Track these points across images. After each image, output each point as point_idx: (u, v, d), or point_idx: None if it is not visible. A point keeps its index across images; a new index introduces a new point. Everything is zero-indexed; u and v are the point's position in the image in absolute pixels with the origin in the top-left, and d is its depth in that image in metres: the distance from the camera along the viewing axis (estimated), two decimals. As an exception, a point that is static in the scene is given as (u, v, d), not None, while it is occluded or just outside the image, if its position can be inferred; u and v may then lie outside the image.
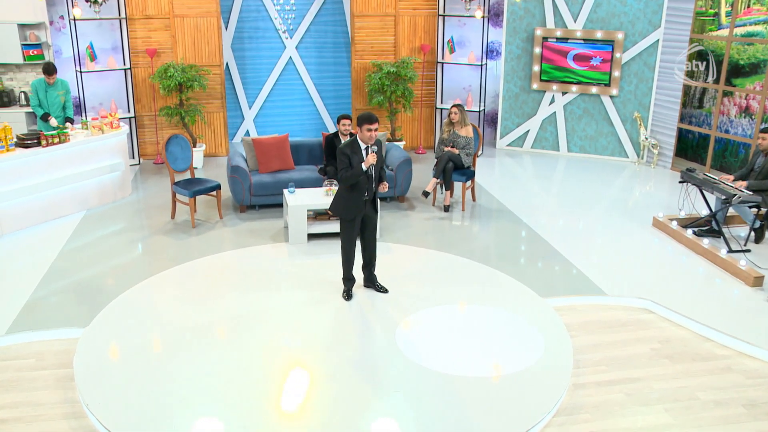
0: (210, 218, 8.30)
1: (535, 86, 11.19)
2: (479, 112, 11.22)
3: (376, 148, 5.83)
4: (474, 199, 9.03)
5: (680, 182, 7.99)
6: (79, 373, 4.95)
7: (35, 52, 10.20)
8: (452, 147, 8.64)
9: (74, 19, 9.87)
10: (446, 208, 8.63)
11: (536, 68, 11.08)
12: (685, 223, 7.90)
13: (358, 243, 6.20)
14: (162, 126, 10.74)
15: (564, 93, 11.11)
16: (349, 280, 6.26)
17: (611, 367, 5.30)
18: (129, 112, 10.62)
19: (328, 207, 7.10)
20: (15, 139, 7.84)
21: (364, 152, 5.85)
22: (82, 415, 4.61)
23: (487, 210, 8.75)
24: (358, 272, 6.35)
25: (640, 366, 5.33)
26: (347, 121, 8.48)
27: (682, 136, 10.39)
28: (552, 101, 11.22)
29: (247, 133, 11.92)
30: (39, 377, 5.07)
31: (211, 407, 4.58)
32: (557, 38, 10.85)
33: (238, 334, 5.55)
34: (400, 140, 11.04)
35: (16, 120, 10.11)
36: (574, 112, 11.17)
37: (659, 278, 6.80)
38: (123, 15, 10.24)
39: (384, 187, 6.17)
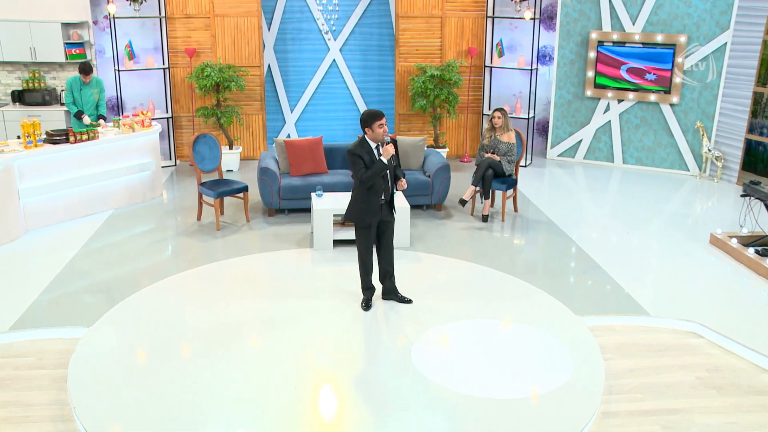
0: (237, 221, 8.17)
1: (588, 93, 10.71)
2: (528, 119, 10.80)
3: (389, 138, 5.57)
4: (516, 210, 8.63)
5: (742, 196, 7.41)
6: (73, 375, 4.82)
7: (77, 51, 10.37)
8: (493, 153, 8.28)
9: (113, 18, 9.97)
10: (485, 218, 8.26)
11: (590, 74, 10.61)
12: (747, 242, 7.30)
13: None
14: (199, 127, 10.74)
15: (620, 101, 10.59)
16: (368, 289, 5.99)
17: (648, 396, 4.84)
18: (167, 112, 10.67)
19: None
20: (44, 136, 7.91)
21: (375, 151, 5.59)
22: (69, 418, 4.46)
23: (529, 221, 8.34)
24: (376, 280, 6.07)
25: (681, 396, 4.85)
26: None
27: (751, 148, 9.72)
28: (607, 109, 10.71)
29: (288, 137, 11.83)
30: (35, 377, 4.97)
31: (200, 421, 4.35)
32: (613, 42, 10.36)
33: (242, 342, 5.33)
34: (443, 147, 10.72)
35: (57, 118, 10.30)
36: (631, 121, 10.62)
37: (713, 300, 6.26)
38: (163, 14, 10.30)
39: (402, 185, 5.83)
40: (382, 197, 5.68)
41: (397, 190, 5.85)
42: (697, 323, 5.79)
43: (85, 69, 8.79)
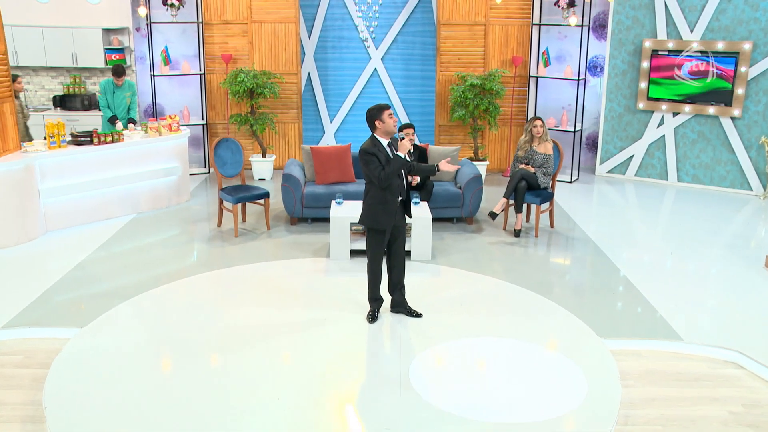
0: (257, 228, 8.06)
1: (641, 105, 10.20)
2: (574, 133, 10.36)
3: (403, 134, 5.35)
4: (552, 226, 8.22)
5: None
6: (53, 375, 4.72)
7: (117, 57, 10.57)
8: (527, 165, 7.92)
9: (149, 22, 10.13)
10: (517, 233, 7.88)
11: (643, 85, 10.10)
12: (806, 266, 6.70)
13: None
14: (234, 134, 10.76)
15: (675, 114, 10.04)
16: (375, 300, 5.72)
17: (669, 429, 4.39)
18: (202, 119, 10.73)
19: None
20: (69, 137, 8.01)
21: (387, 149, 5.36)
22: (41, 419, 4.35)
23: (566, 238, 7.91)
24: (385, 291, 5.80)
25: (708, 432, 4.38)
26: (410, 130, 8.03)
27: (821, 168, 9.02)
28: (661, 123, 10.17)
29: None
30: (17, 375, 4.91)
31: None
32: (669, 51, 9.85)
33: (230, 352, 5.12)
34: (483, 160, 10.39)
35: (95, 123, 10.45)
36: (687, 136, 10.05)
37: (760, 328, 5.72)
38: (200, 19, 10.40)
39: (414, 180, 5.55)
40: (399, 197, 5.44)
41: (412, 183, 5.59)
42: (738, 352, 5.27)
43: (118, 71, 8.91)
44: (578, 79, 10.21)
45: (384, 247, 5.58)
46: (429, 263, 7.01)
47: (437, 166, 5.58)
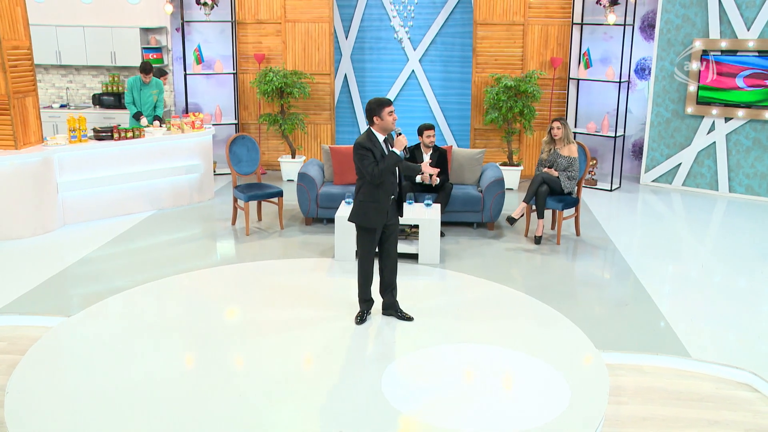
0: (270, 227, 8.05)
1: (690, 110, 9.70)
2: (615, 138, 9.95)
3: (400, 129, 5.22)
4: (578, 233, 7.88)
5: None
6: (25, 362, 4.80)
7: (155, 56, 10.85)
8: (550, 168, 7.64)
9: (182, 22, 10.34)
10: (538, 240, 7.60)
11: (692, 88, 9.61)
12: None
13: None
14: (265, 135, 10.85)
15: (727, 119, 9.50)
16: (366, 301, 5.59)
17: (653, 451, 4.08)
18: (235, 118, 10.87)
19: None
20: (90, 132, 8.23)
21: (384, 145, 5.24)
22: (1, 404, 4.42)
23: (590, 247, 7.57)
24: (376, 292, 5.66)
25: (700, 457, 4.05)
26: (430, 132, 7.88)
27: None
28: (711, 129, 9.64)
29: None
30: (-7, 360, 5.01)
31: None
32: (722, 51, 9.34)
33: (205, 349, 5.09)
34: (517, 165, 10.10)
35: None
36: (741, 143, 9.48)
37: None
38: (233, 19, 10.55)
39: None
40: (392, 195, 5.32)
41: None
42: (752, 373, 4.87)
43: (146, 68, 9.12)
44: (619, 82, 9.80)
45: (375, 246, 5.46)
46: (437, 267, 6.83)
47: (421, 167, 5.51)
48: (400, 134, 5.26)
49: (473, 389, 4.55)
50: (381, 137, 5.27)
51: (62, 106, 11.18)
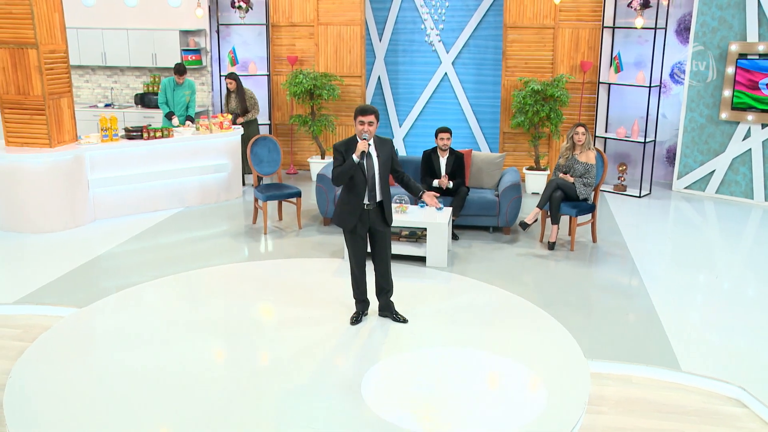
0: (289, 227, 8.25)
1: (724, 116, 9.45)
2: (644, 144, 9.76)
3: (366, 135, 5.28)
4: (594, 240, 7.80)
5: None
6: (32, 349, 5.11)
7: (194, 58, 11.21)
8: (565, 174, 7.58)
9: (218, 24, 10.66)
10: (551, 246, 7.56)
11: (727, 93, 9.36)
12: None
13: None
14: (297, 135, 11.08)
15: (764, 125, 9.21)
16: (361, 302, 5.73)
17: (620, 462, 4.07)
18: (268, 119, 11.13)
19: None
20: (122, 131, 8.60)
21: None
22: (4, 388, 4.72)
23: (604, 255, 7.48)
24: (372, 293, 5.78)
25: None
26: (445, 135, 7.94)
27: None
28: (747, 135, 9.36)
29: (396, 153, 11.77)
30: (9, 347, 5.31)
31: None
32: (759, 55, 9.07)
33: (182, 346, 5.27)
34: (544, 169, 10.03)
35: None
36: (777, 151, 9.21)
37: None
38: (267, 22, 10.80)
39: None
40: (365, 201, 5.41)
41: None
42: (742, 388, 4.78)
43: (180, 70, 9.45)
44: (649, 87, 9.62)
45: (358, 248, 5.54)
46: (443, 271, 6.89)
47: (422, 192, 5.55)
48: (365, 139, 5.32)
49: (450, 393, 4.61)
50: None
51: (107, 106, 11.66)
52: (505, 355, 5.14)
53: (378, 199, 5.44)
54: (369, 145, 5.33)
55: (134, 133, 8.49)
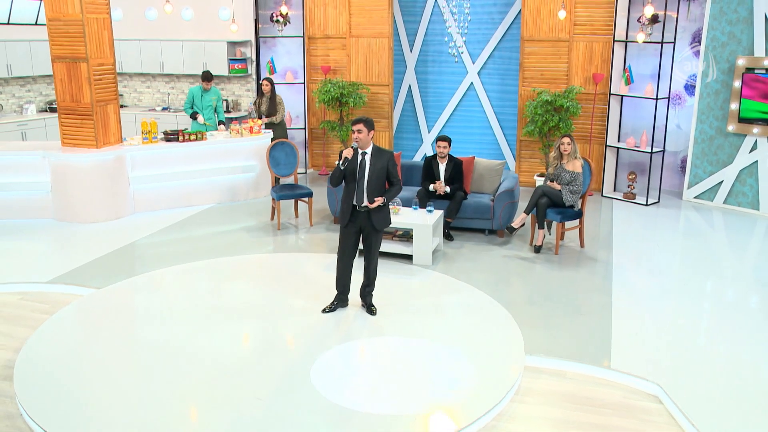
0: (302, 224, 8.90)
1: (731, 128, 9.48)
2: (651, 154, 9.90)
3: (355, 144, 5.81)
4: (582, 245, 8.09)
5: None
6: (50, 321, 5.93)
7: (240, 66, 12.05)
8: (552, 182, 7.91)
9: (257, 37, 11.45)
10: (537, 249, 7.91)
11: (734, 106, 9.39)
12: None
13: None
14: (329, 140, 11.73)
15: (770, 138, 9.22)
16: (338, 293, 6.25)
17: (519, 444, 4.49)
18: (303, 124, 11.84)
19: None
20: (161, 135, 9.48)
21: (359, 155, 5.88)
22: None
23: (585, 259, 7.76)
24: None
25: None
26: (442, 143, 8.39)
27: None
28: (754, 147, 9.38)
29: (424, 157, 12.27)
30: (35, 318, 6.15)
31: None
32: (766, 69, 9.07)
33: (148, 332, 5.89)
34: (556, 177, 10.30)
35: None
36: (782, 163, 9.18)
37: (709, 373, 5.40)
38: (303, 34, 11.50)
39: (378, 200, 5.87)
40: (355, 203, 5.94)
41: (368, 205, 5.87)
42: (658, 385, 5.09)
43: (207, 77, 10.25)
44: (656, 99, 9.74)
45: (346, 243, 6.04)
46: (427, 269, 7.36)
47: (384, 198, 5.95)
48: (353, 147, 5.84)
49: (385, 376, 5.12)
50: (362, 150, 5.91)
51: (164, 109, 12.66)
52: (449, 345, 5.60)
53: (363, 203, 5.91)
54: (365, 153, 5.83)
55: (171, 136, 9.34)
